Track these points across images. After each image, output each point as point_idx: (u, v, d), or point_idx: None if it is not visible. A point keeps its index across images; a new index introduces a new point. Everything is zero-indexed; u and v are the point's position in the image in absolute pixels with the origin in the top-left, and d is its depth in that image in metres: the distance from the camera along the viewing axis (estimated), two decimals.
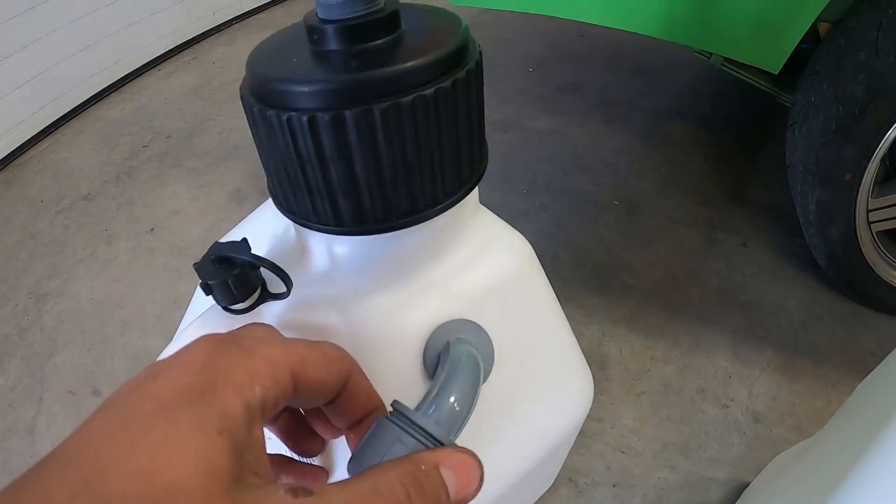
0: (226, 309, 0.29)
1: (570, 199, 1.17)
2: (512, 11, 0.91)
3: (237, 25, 2.01)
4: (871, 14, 0.71)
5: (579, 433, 0.74)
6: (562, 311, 0.35)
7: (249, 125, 0.28)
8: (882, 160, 0.75)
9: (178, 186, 1.33)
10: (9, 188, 1.46)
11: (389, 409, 0.23)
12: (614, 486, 0.73)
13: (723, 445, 0.76)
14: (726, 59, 1.00)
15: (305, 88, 0.23)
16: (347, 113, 0.23)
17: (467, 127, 0.26)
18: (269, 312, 0.30)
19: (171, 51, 1.88)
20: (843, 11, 0.78)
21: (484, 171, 0.29)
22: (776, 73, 0.76)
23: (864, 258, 0.83)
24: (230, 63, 1.81)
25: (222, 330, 0.30)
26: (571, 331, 0.37)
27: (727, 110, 1.40)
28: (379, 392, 0.25)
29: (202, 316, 0.31)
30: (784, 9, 0.70)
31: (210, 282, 0.27)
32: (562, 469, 0.74)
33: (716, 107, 1.41)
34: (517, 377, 0.30)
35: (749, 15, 0.73)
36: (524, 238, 0.34)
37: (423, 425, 0.22)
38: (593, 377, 0.40)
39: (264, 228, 0.35)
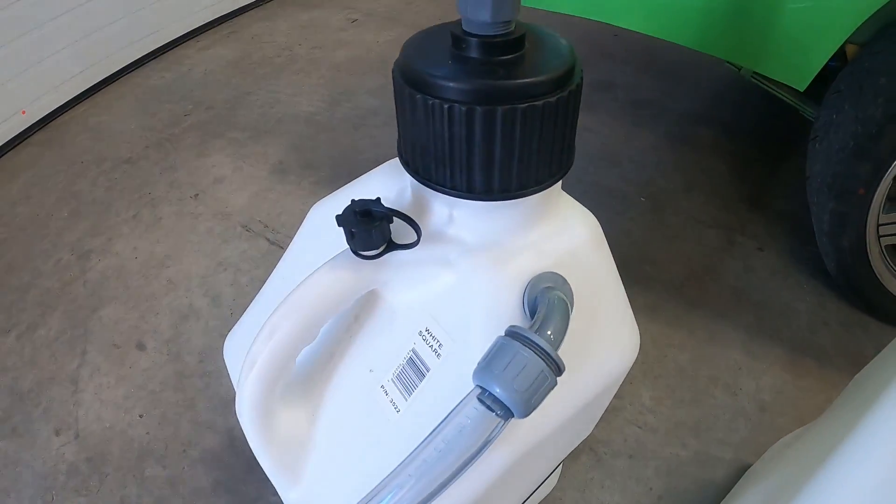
0: (357, 254, 0.37)
1: (599, 192, 1.24)
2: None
3: (276, 2, 2.07)
4: (894, 42, 0.78)
5: None
6: (619, 275, 0.43)
7: (396, 101, 0.35)
8: (894, 179, 0.82)
9: (221, 156, 1.40)
10: (48, 147, 1.53)
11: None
12: (630, 457, 0.81)
13: (730, 429, 0.84)
14: (755, 73, 1.07)
15: (451, 84, 0.30)
16: (478, 108, 0.30)
17: (567, 129, 0.34)
18: (392, 260, 0.37)
19: (209, 23, 1.94)
20: (870, 34, 0.85)
21: (572, 164, 0.37)
22: (802, 90, 0.83)
23: (873, 269, 0.90)
24: (269, 38, 1.87)
25: (348, 274, 0.38)
26: (625, 293, 0.45)
27: (751, 120, 1.47)
28: (490, 326, 0.33)
29: (333, 260, 0.38)
30: (813, 31, 0.77)
31: (353, 230, 0.35)
32: (583, 441, 0.83)
33: (741, 116, 1.48)
34: (585, 324, 0.38)
35: (781, 34, 0.80)
36: (593, 216, 0.42)
37: (539, 342, 0.29)
38: None
39: (374, 193, 0.42)
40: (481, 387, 0.29)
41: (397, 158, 0.39)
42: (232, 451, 0.86)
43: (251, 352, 0.38)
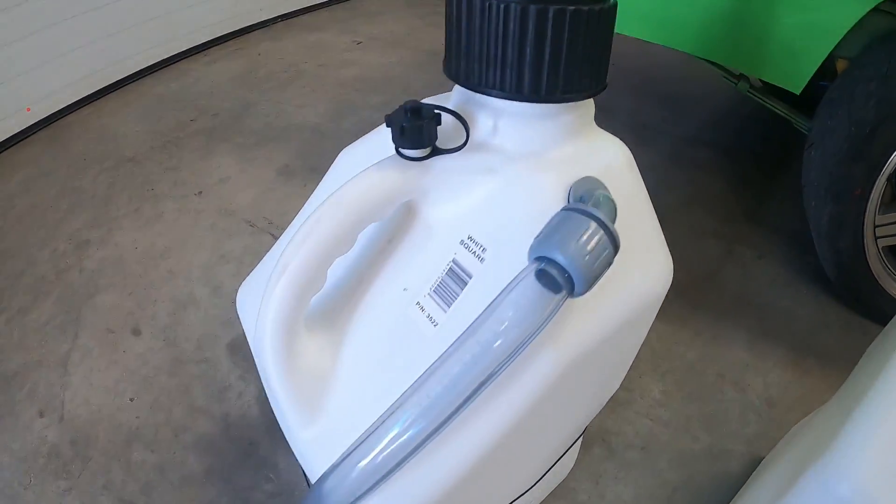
0: (403, 156, 0.38)
1: None
2: None
3: (282, 24, 2.17)
4: (883, 51, 0.85)
5: (612, 400, 0.82)
6: (650, 201, 0.45)
7: (449, 12, 0.37)
8: (889, 179, 0.87)
9: (227, 158, 1.42)
10: (50, 145, 1.54)
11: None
12: (643, 448, 0.81)
13: (741, 423, 0.84)
14: (751, 87, 1.14)
15: None
16: (532, 7, 0.33)
17: (605, 44, 0.37)
18: (436, 166, 0.39)
19: (215, 39, 2.02)
20: (858, 49, 0.92)
21: (605, 87, 0.40)
22: (798, 93, 0.89)
23: (871, 270, 0.94)
24: (275, 55, 1.94)
25: (396, 174, 0.39)
26: (657, 220, 0.46)
27: (748, 143, 1.55)
28: (535, 229, 0.34)
29: (378, 163, 0.39)
30: (807, 37, 0.84)
31: (403, 125, 0.37)
32: (594, 429, 0.82)
33: (738, 139, 1.56)
34: (622, 240, 0.40)
35: (777, 41, 0.87)
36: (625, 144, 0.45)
37: (596, 213, 0.31)
38: None
39: None
40: (541, 257, 0.30)
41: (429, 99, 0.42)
42: (227, 437, 0.84)
43: (281, 259, 0.39)
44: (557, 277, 0.30)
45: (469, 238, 0.39)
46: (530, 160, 0.38)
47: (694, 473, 0.78)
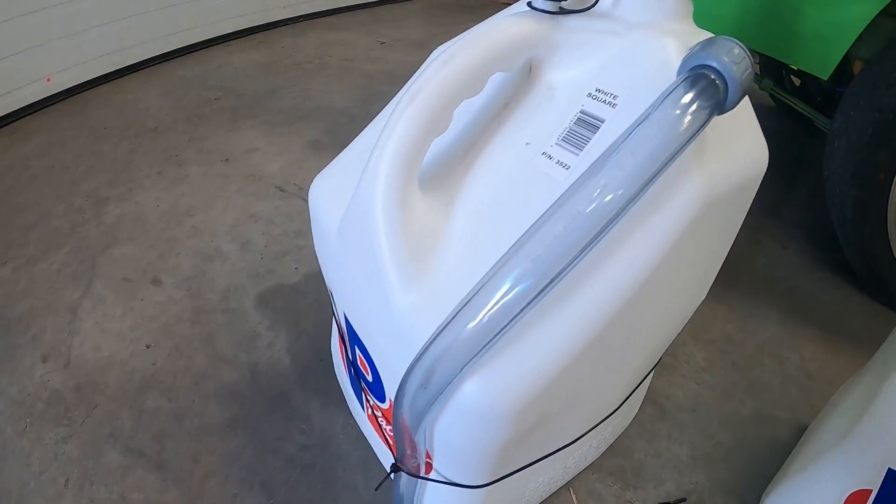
0: (535, 10, 0.38)
1: None
2: None
3: (304, 23, 2.21)
4: None
5: (659, 364, 0.81)
6: None
7: None
8: None
9: (254, 132, 1.41)
10: (68, 115, 1.51)
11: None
12: (693, 410, 0.78)
13: (783, 394, 0.82)
14: (775, 84, 1.18)
15: None
16: None
17: None
18: (563, 25, 0.39)
19: (239, 31, 2.04)
20: (874, 51, 0.97)
21: None
22: (825, 78, 0.92)
23: (894, 257, 0.95)
24: (299, 49, 1.96)
25: (529, 22, 0.39)
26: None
27: (768, 147, 1.59)
28: (666, 73, 0.34)
29: (514, 14, 0.39)
30: (833, 28, 0.89)
31: None
32: (646, 392, 0.79)
33: None
34: (731, 116, 0.39)
35: (806, 32, 0.92)
36: None
37: (735, 40, 0.31)
38: None
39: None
40: (697, 66, 0.30)
41: None
42: (254, 387, 0.79)
43: (406, 95, 0.38)
44: (716, 79, 0.29)
45: (597, 90, 0.39)
46: (651, 27, 0.38)
47: (744, 436, 0.75)
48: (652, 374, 0.66)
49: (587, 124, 0.38)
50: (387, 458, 0.64)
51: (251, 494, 0.66)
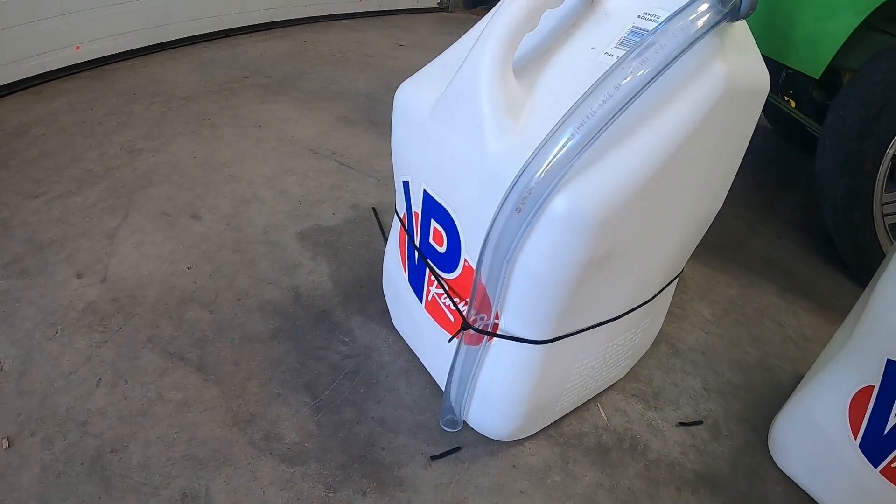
0: None
1: None
2: None
3: (324, 23, 2.33)
4: (885, 55, 1.04)
5: (669, 314, 0.88)
6: None
7: None
8: (893, 158, 1.02)
9: (285, 105, 1.48)
10: (95, 81, 1.57)
11: None
12: (703, 353, 0.85)
13: (782, 349, 0.90)
14: (771, 90, 1.33)
15: None
16: None
17: None
18: None
19: (263, 24, 2.15)
20: (861, 63, 1.12)
21: None
22: (817, 77, 1.06)
23: (881, 246, 1.07)
24: (321, 44, 2.06)
25: None
26: None
27: (762, 158, 1.73)
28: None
29: None
30: (823, 33, 1.03)
31: None
32: (659, 335, 0.86)
33: (754, 154, 1.74)
34: (744, 31, 0.50)
35: (800, 36, 1.06)
36: None
37: None
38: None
39: None
40: None
41: None
42: (297, 304, 0.83)
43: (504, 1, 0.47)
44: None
45: (644, 13, 0.49)
46: None
47: (751, 378, 0.83)
48: (673, 289, 0.73)
49: (638, 33, 0.48)
50: (436, 355, 0.69)
51: (294, 394, 0.70)
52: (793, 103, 1.58)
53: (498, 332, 0.54)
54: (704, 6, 0.42)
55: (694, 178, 0.52)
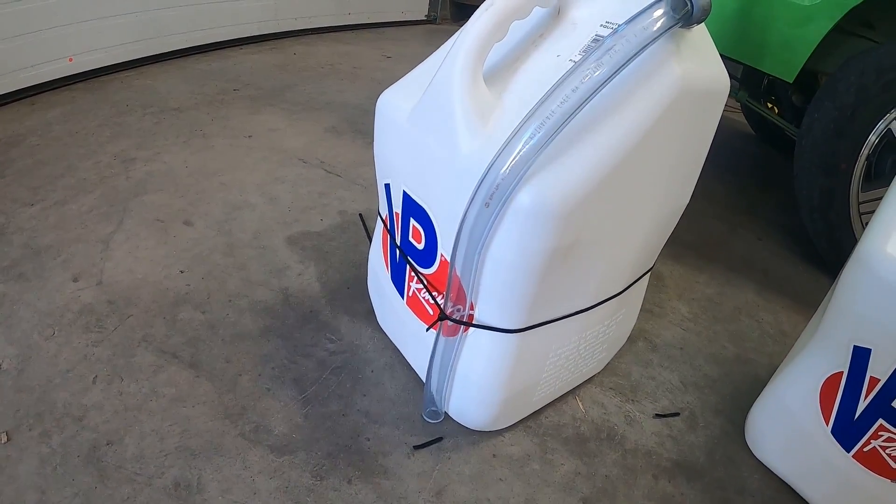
0: None
1: None
2: None
3: (313, 36, 2.40)
4: (858, 59, 1.11)
5: (647, 312, 0.93)
6: None
7: None
8: (867, 158, 1.08)
9: (274, 116, 1.53)
10: (88, 92, 1.62)
11: None
12: (681, 349, 0.90)
13: (760, 343, 0.95)
14: (750, 96, 1.39)
15: None
16: None
17: None
18: None
19: (253, 37, 2.21)
20: (836, 66, 1.19)
21: None
22: (791, 81, 1.12)
23: (857, 241, 1.12)
24: (310, 56, 2.13)
25: None
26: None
27: (744, 163, 1.79)
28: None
29: None
30: (797, 38, 1.09)
31: None
32: (636, 331, 0.90)
33: (735, 160, 1.80)
34: (703, 35, 0.55)
35: (774, 41, 1.12)
36: None
37: None
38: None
39: None
40: None
41: None
42: (286, 305, 0.88)
43: (478, 11, 0.53)
44: (687, 1, 0.46)
45: (607, 21, 0.54)
46: None
47: (728, 371, 0.87)
48: (646, 284, 0.78)
49: (599, 41, 0.53)
50: (419, 350, 0.74)
51: (283, 388, 0.74)
52: (776, 109, 1.65)
53: (473, 322, 0.58)
54: (659, 12, 0.47)
55: (655, 173, 0.57)
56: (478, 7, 0.54)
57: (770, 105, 1.66)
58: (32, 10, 1.54)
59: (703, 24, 0.56)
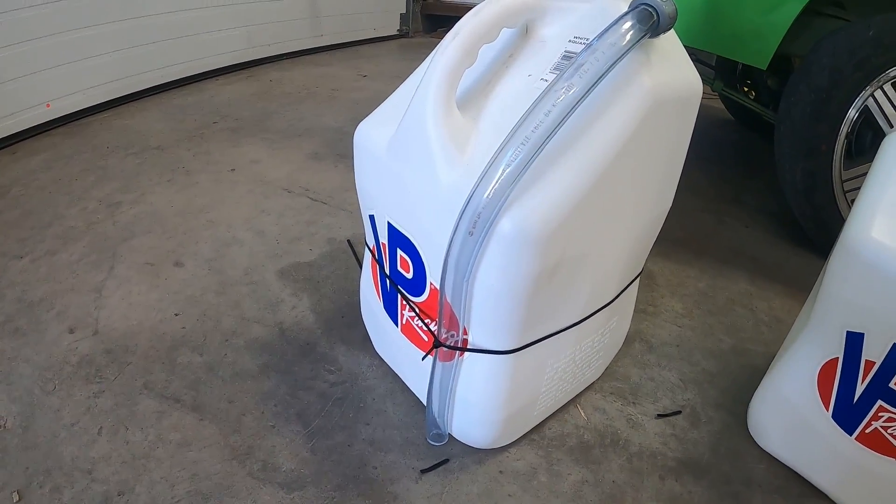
0: None
1: None
2: None
3: (288, 60, 2.43)
4: (830, 40, 1.14)
5: (641, 312, 0.95)
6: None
7: None
8: (847, 136, 1.11)
9: (255, 147, 1.55)
10: (68, 137, 1.63)
11: None
12: (678, 346, 0.92)
13: (756, 333, 0.97)
14: (725, 86, 1.42)
15: None
16: None
17: None
18: (548, 5, 0.57)
19: (228, 67, 2.24)
20: (808, 48, 1.22)
21: None
22: (764, 68, 1.15)
23: (844, 220, 1.15)
24: (287, 81, 2.16)
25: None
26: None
27: (726, 153, 1.82)
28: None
29: None
30: (767, 25, 1.12)
31: None
32: (632, 332, 0.92)
33: (718, 151, 1.83)
34: (672, 44, 0.57)
35: (745, 29, 1.14)
36: None
37: None
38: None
39: None
40: (640, 3, 0.48)
41: None
42: (282, 339, 0.89)
43: (447, 37, 0.55)
44: (653, 12, 0.48)
45: (575, 37, 0.57)
46: None
47: (726, 364, 0.89)
48: (636, 288, 0.80)
49: (570, 57, 0.55)
50: (417, 375, 0.76)
51: (287, 424, 0.76)
52: (752, 94, 1.69)
53: (468, 347, 0.60)
54: (627, 25, 0.49)
55: (635, 184, 0.59)
56: (448, 17, 0.56)
57: (746, 90, 1.69)
58: (7, 58, 1.56)
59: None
